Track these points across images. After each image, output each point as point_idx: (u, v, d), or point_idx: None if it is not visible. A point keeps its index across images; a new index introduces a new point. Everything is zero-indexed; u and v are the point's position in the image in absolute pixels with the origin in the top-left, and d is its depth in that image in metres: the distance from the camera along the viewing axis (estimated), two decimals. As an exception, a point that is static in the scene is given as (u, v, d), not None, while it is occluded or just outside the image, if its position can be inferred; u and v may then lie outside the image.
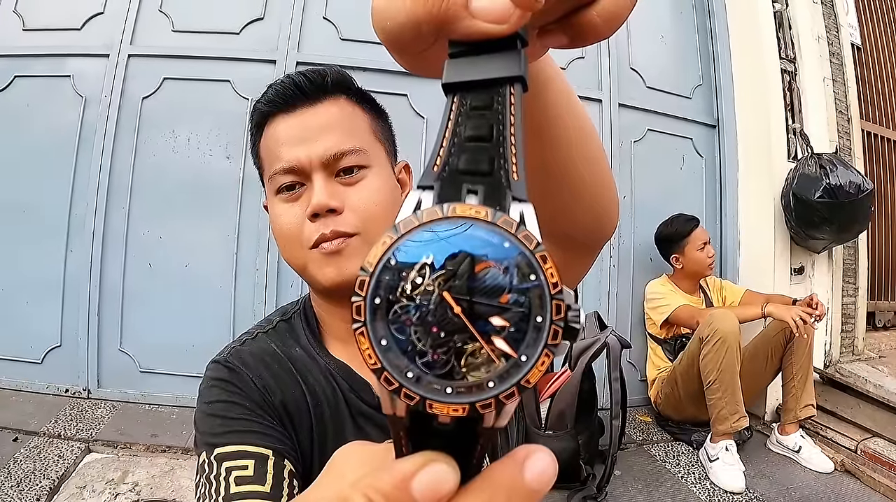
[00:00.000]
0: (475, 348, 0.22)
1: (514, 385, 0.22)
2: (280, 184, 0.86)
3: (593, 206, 0.58)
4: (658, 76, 4.00)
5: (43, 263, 3.27)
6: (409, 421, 0.24)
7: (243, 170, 3.33)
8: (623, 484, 2.86)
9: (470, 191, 0.25)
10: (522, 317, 0.23)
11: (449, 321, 0.22)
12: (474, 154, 0.26)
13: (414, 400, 0.22)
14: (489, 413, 0.23)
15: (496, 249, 0.23)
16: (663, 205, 3.79)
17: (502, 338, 0.22)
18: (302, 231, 0.84)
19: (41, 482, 2.42)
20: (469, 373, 0.22)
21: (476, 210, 0.23)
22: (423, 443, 0.24)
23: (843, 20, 4.35)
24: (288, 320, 0.98)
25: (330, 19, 3.49)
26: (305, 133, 0.85)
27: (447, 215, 0.23)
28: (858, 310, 4.16)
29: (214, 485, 0.74)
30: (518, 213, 0.24)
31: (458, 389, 0.22)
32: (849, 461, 3.09)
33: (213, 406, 0.84)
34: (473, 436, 0.24)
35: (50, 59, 3.39)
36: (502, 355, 0.23)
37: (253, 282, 3.30)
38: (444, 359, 0.23)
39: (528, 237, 0.23)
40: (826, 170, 3.44)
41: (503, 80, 0.27)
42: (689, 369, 3.11)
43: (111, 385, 3.25)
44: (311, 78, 0.87)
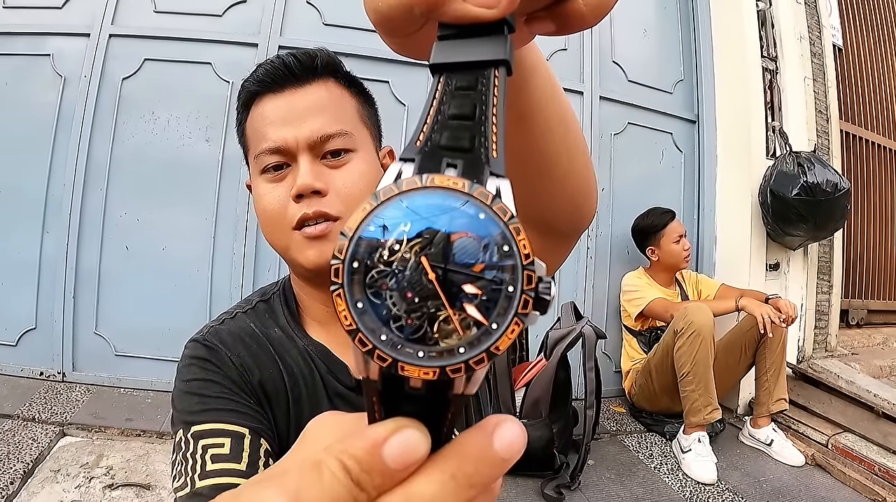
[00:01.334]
0: (448, 315, 0.23)
1: (483, 351, 0.23)
2: (266, 164, 0.86)
3: (573, 194, 0.59)
4: (640, 70, 4.02)
5: (19, 245, 3.23)
6: (381, 384, 0.25)
7: (222, 153, 3.31)
8: (596, 473, 2.88)
9: (449, 164, 0.25)
10: (494, 287, 0.23)
11: (423, 287, 0.23)
12: (456, 131, 0.26)
13: (386, 361, 0.23)
14: (459, 377, 0.23)
15: (471, 219, 0.23)
16: (642, 198, 3.81)
17: (474, 306, 0.23)
18: (286, 211, 0.84)
19: (15, 465, 2.40)
20: (441, 339, 0.23)
21: (454, 181, 0.24)
22: (395, 408, 0.25)
23: (825, 21, 4.39)
24: (267, 301, 0.98)
25: (313, 4, 3.47)
26: (293, 114, 0.85)
27: (425, 185, 0.24)
28: (832, 307, 4.21)
29: (191, 463, 0.75)
30: (495, 187, 0.25)
31: (429, 353, 0.23)
32: (820, 455, 3.14)
33: (190, 384, 0.84)
34: (444, 403, 0.25)
35: (30, 38, 3.34)
36: (473, 322, 0.23)
37: (230, 267, 3.28)
38: (417, 325, 0.23)
39: (502, 209, 0.24)
40: (804, 168, 3.48)
41: (489, 62, 0.28)
42: (664, 361, 3.14)
43: (86, 368, 3.22)
44: (301, 59, 0.87)
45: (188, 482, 0.73)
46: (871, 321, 4.97)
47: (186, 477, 0.74)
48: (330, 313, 0.94)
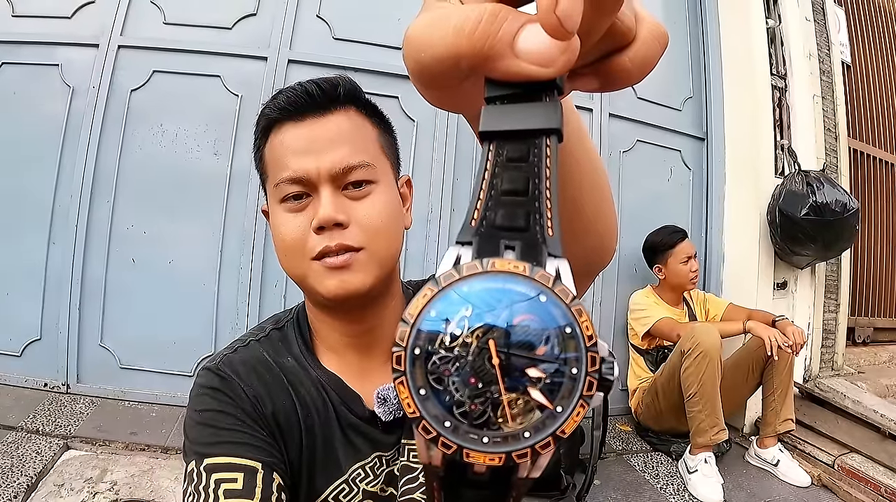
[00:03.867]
0: (512, 399, 0.23)
1: (549, 435, 0.23)
2: (286, 194, 0.85)
3: (597, 237, 0.59)
4: (649, 87, 4.01)
5: (24, 255, 3.23)
6: (444, 470, 0.24)
7: (230, 167, 3.30)
8: (603, 493, 2.88)
9: (507, 246, 0.25)
10: (557, 370, 0.23)
11: (487, 372, 0.23)
12: (511, 209, 0.26)
13: (451, 449, 0.23)
14: (524, 462, 0.23)
15: (533, 303, 0.23)
16: (650, 215, 3.81)
17: (538, 390, 0.23)
18: (306, 242, 0.84)
19: (18, 479, 2.39)
20: (505, 424, 0.23)
21: (515, 265, 0.24)
22: (456, 493, 0.25)
23: (834, 38, 4.40)
24: (281, 329, 0.98)
25: (323, 18, 3.47)
26: (315, 144, 0.84)
27: (487, 269, 0.24)
28: (839, 325, 4.21)
29: (203, 497, 0.75)
30: (554, 268, 0.25)
31: (494, 439, 0.23)
32: (826, 475, 3.13)
33: (203, 414, 0.84)
34: (507, 487, 0.25)
35: (39, 47, 3.34)
36: (538, 406, 0.23)
37: (237, 281, 3.27)
38: (481, 410, 0.23)
39: (564, 292, 0.24)
40: (813, 187, 3.48)
41: (540, 131, 0.27)
42: (670, 381, 3.13)
43: (90, 380, 3.21)
44: (323, 87, 0.86)
45: None
46: (878, 339, 4.96)
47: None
48: (344, 341, 0.94)
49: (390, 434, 0.90)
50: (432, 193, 3.44)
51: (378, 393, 0.88)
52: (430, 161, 3.49)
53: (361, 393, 0.91)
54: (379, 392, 0.88)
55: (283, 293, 3.27)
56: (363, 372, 0.93)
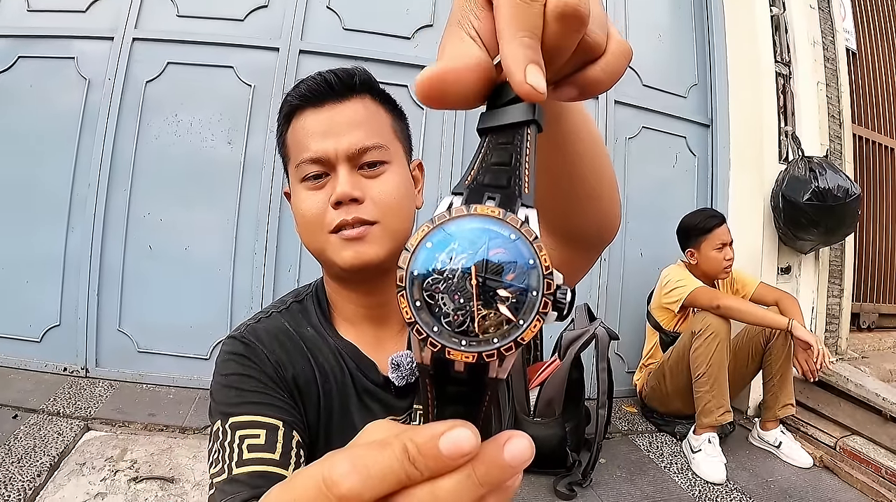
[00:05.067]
0: (485, 313, 0.29)
1: (512, 341, 0.29)
2: (306, 173, 0.92)
3: (599, 213, 0.67)
4: (654, 74, 4.04)
5: (44, 243, 3.30)
6: (432, 367, 0.30)
7: (244, 155, 3.37)
8: (608, 471, 2.92)
9: (490, 197, 0.32)
10: (522, 291, 0.29)
11: (467, 292, 0.29)
12: (497, 173, 0.34)
13: (437, 347, 0.29)
14: (493, 362, 0.29)
15: (505, 240, 0.30)
16: (655, 201, 3.85)
17: (506, 306, 0.29)
18: (325, 216, 0.90)
19: (42, 459, 2.45)
20: (480, 332, 0.29)
21: (492, 210, 0.30)
22: (443, 389, 0.32)
23: (839, 25, 4.40)
24: (301, 301, 1.04)
25: (333, 9, 3.52)
26: (333, 127, 0.91)
27: (470, 212, 0.30)
28: (843, 310, 4.23)
29: (228, 452, 0.81)
30: (524, 215, 0.31)
31: (470, 342, 0.29)
32: (828, 457, 3.17)
33: (229, 378, 0.90)
34: (482, 386, 0.31)
35: (54, 41, 3.40)
36: (505, 319, 0.29)
37: (251, 266, 3.34)
38: (461, 320, 0.29)
39: (529, 232, 0.30)
40: (815, 173, 3.49)
41: (523, 123, 0.35)
42: (679, 363, 3.17)
43: (109, 364, 3.29)
44: (342, 76, 0.93)
45: (225, 469, 0.79)
46: (882, 324, 4.96)
47: (224, 465, 0.80)
48: (360, 313, 1.00)
49: (403, 399, 0.96)
50: (441, 178, 3.49)
51: (392, 359, 0.93)
52: (439, 147, 3.54)
53: (376, 360, 0.97)
54: (393, 358, 0.93)
55: (296, 277, 3.33)
56: (378, 341, 0.99)
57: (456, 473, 0.28)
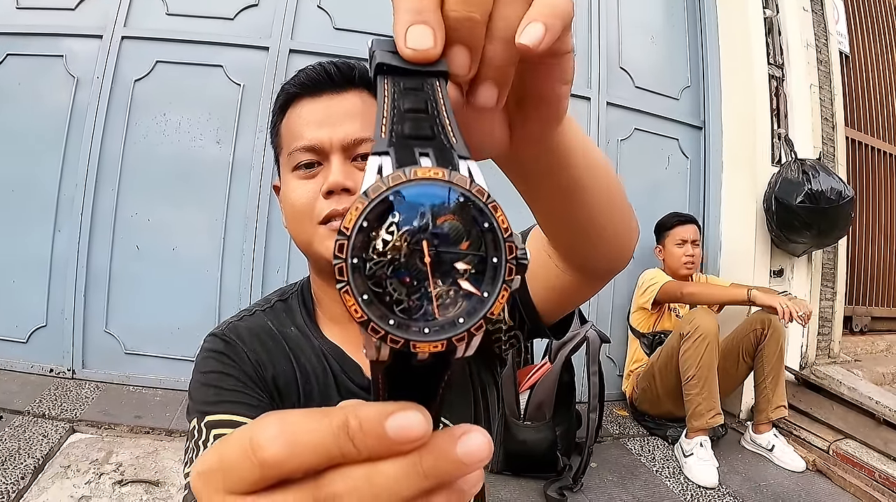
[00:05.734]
0: (443, 291, 0.26)
1: (481, 318, 0.26)
2: (298, 162, 0.90)
3: (612, 249, 0.66)
4: (647, 76, 4.04)
5: (30, 243, 3.27)
6: (390, 362, 0.27)
7: (233, 155, 3.34)
8: (599, 476, 2.90)
9: (422, 153, 0.28)
10: (481, 260, 0.26)
11: (419, 271, 0.25)
12: (416, 122, 0.30)
13: (399, 343, 0.25)
14: (462, 345, 0.26)
15: (454, 203, 0.26)
16: (648, 203, 3.83)
17: (466, 280, 0.26)
18: (314, 206, 0.88)
19: (25, 461, 2.42)
20: (441, 314, 0.26)
21: (434, 171, 0.26)
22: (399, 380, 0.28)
23: (832, 28, 4.40)
24: (285, 300, 1.03)
25: (324, 8, 3.50)
26: (329, 117, 0.90)
27: (410, 178, 0.26)
28: (836, 313, 4.23)
29: (202, 450, 0.79)
30: (467, 170, 0.28)
31: (433, 328, 0.25)
32: (821, 461, 3.15)
33: (207, 376, 0.88)
34: (445, 365, 0.28)
35: (43, 39, 3.37)
36: (467, 294, 0.26)
37: (239, 268, 3.31)
38: (418, 305, 0.26)
39: (480, 191, 0.26)
40: (808, 175, 3.49)
41: (430, 73, 0.32)
42: (668, 364, 3.16)
43: (96, 366, 3.25)
44: (341, 68, 0.91)
45: None
46: (875, 328, 4.97)
47: None
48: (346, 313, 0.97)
49: None
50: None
51: None
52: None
53: (361, 363, 0.95)
54: None
55: (284, 278, 3.30)
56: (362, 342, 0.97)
57: (400, 459, 0.25)
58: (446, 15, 0.32)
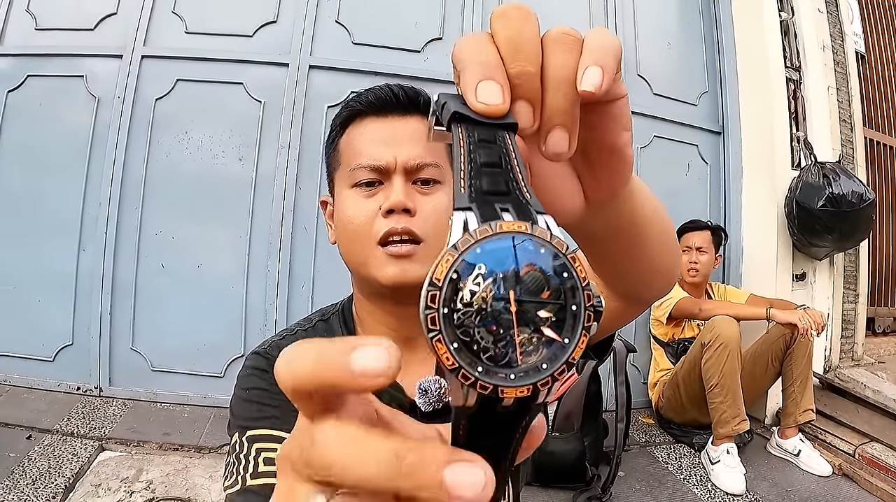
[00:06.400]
0: (527, 339, 0.26)
1: (563, 363, 0.26)
2: (360, 180, 0.90)
3: (666, 279, 0.67)
4: (665, 83, 4.03)
5: (55, 262, 3.30)
6: (476, 409, 0.27)
7: (255, 171, 3.36)
8: (627, 485, 2.90)
9: (502, 209, 0.29)
10: (561, 308, 0.27)
11: (504, 319, 0.26)
12: (492, 177, 0.31)
13: (488, 389, 0.26)
14: (545, 390, 0.26)
15: (536, 255, 0.27)
16: (669, 211, 3.77)
17: (548, 327, 0.27)
18: (372, 225, 0.88)
19: (56, 480, 2.44)
20: (525, 361, 0.26)
21: (518, 225, 0.27)
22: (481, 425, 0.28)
23: (847, 29, 4.38)
24: (326, 320, 1.03)
25: (342, 23, 3.51)
26: (394, 138, 0.90)
27: (496, 231, 0.27)
28: (858, 316, 4.20)
29: (243, 463, 0.80)
30: (545, 223, 0.29)
31: (518, 374, 0.26)
32: (847, 465, 3.13)
33: (250, 392, 0.89)
34: (524, 410, 0.28)
35: (63, 59, 3.41)
36: (550, 341, 0.27)
37: (264, 284, 3.32)
38: (503, 352, 0.26)
39: (560, 243, 0.27)
40: (829, 179, 3.48)
41: (500, 126, 0.33)
42: (691, 373, 3.15)
43: (123, 383, 3.28)
44: (408, 92, 0.92)
45: (239, 480, 0.78)
46: (899, 329, 4.94)
47: (238, 476, 0.79)
48: (390, 335, 0.95)
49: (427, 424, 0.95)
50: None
51: (420, 385, 0.91)
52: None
53: (403, 384, 0.94)
54: (420, 384, 0.91)
55: (310, 294, 3.32)
56: (405, 364, 0.96)
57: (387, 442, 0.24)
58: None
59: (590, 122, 0.38)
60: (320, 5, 3.50)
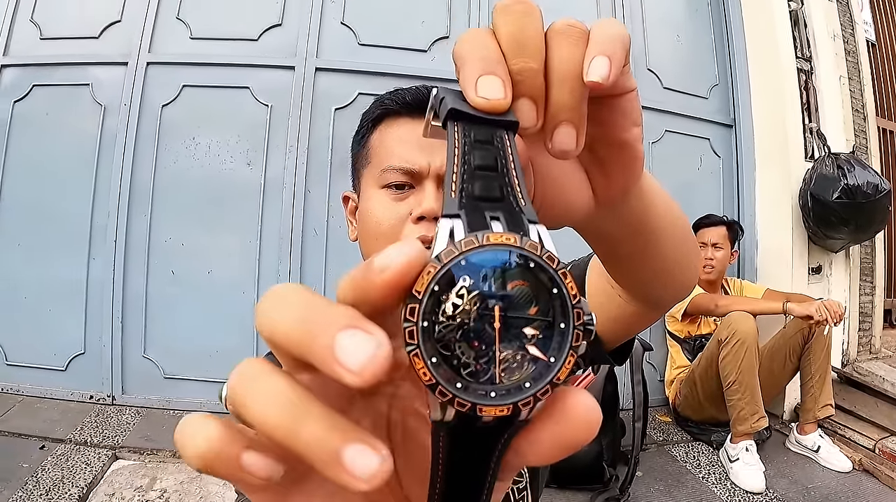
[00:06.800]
0: (510, 356, 0.25)
1: (547, 383, 0.25)
2: (390, 181, 0.88)
3: (685, 281, 0.65)
4: (674, 77, 3.99)
5: (65, 271, 3.30)
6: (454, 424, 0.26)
7: (264, 176, 3.35)
8: (645, 484, 2.88)
9: (492, 217, 0.28)
10: (549, 325, 0.26)
11: (487, 335, 0.25)
12: (486, 182, 0.29)
13: (466, 406, 0.25)
14: (527, 409, 0.25)
15: (524, 269, 0.26)
16: (682, 206, 3.70)
17: (534, 345, 0.26)
18: (401, 230, 0.86)
19: (70, 490, 2.44)
20: (508, 378, 0.25)
21: (506, 237, 0.26)
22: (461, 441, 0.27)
23: (857, 17, 4.33)
24: None
25: (348, 24, 3.50)
26: (429, 143, 0.87)
27: (483, 243, 0.25)
28: (875, 308, 4.16)
29: None
30: (536, 235, 0.27)
31: (500, 392, 0.25)
32: (867, 460, 3.10)
33: None
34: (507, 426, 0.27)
35: (68, 68, 3.41)
36: (534, 359, 0.26)
37: (275, 288, 3.29)
38: (485, 369, 0.25)
39: (550, 257, 0.26)
40: (843, 170, 3.44)
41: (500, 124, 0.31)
42: (708, 370, 3.12)
43: (135, 391, 3.28)
44: None
45: None
46: (916, 320, 4.89)
47: None
48: None
49: None
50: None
51: None
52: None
53: None
54: None
55: (321, 298, 3.29)
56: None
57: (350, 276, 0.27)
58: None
59: (598, 117, 0.37)
60: (325, 7, 3.49)
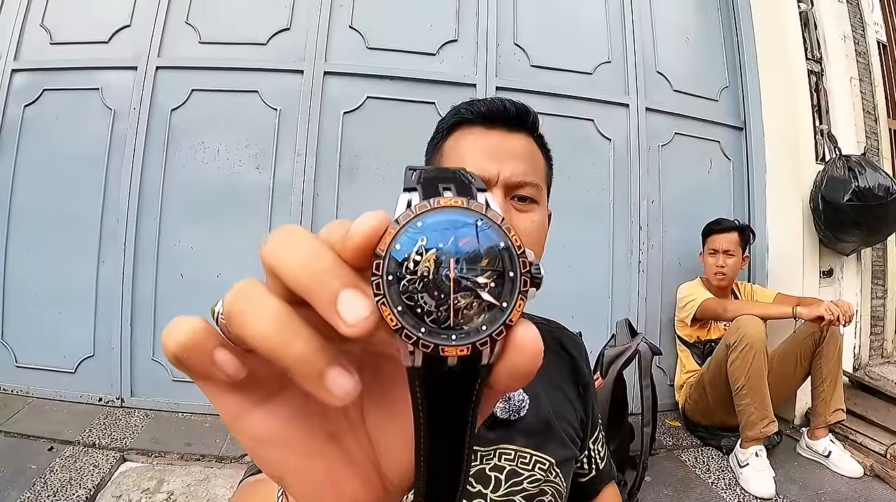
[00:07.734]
0: (467, 303, 0.29)
1: (501, 324, 0.29)
2: None
3: None
4: (684, 79, 3.98)
5: (75, 274, 3.32)
6: (423, 368, 0.29)
7: (273, 179, 3.36)
8: (654, 490, 2.86)
9: (444, 188, 0.32)
10: (499, 275, 0.29)
11: (445, 285, 0.29)
12: (441, 171, 0.34)
13: (430, 347, 0.28)
14: (485, 349, 0.29)
15: (472, 227, 0.30)
16: (692, 209, 3.77)
17: (487, 292, 0.29)
18: None
19: (77, 491, 2.44)
20: (466, 323, 0.29)
21: (455, 200, 0.30)
22: (434, 386, 0.30)
23: (868, 18, 4.32)
24: None
25: (356, 28, 3.51)
26: (500, 152, 0.92)
27: (434, 206, 0.30)
28: (887, 312, 4.13)
29: None
30: (484, 199, 0.31)
31: (460, 335, 0.29)
32: (878, 465, 3.06)
33: None
34: (474, 373, 0.30)
35: (78, 72, 3.44)
36: (488, 305, 0.29)
37: (284, 292, 3.30)
38: (445, 315, 0.29)
39: (495, 215, 0.30)
40: (854, 172, 3.42)
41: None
42: (717, 375, 3.09)
43: (144, 394, 3.29)
44: (519, 109, 0.95)
45: None
46: (927, 323, 4.84)
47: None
48: None
49: (492, 431, 0.94)
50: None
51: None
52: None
53: None
54: None
55: (330, 302, 3.29)
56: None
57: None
58: None
59: None
60: (334, 11, 3.50)
